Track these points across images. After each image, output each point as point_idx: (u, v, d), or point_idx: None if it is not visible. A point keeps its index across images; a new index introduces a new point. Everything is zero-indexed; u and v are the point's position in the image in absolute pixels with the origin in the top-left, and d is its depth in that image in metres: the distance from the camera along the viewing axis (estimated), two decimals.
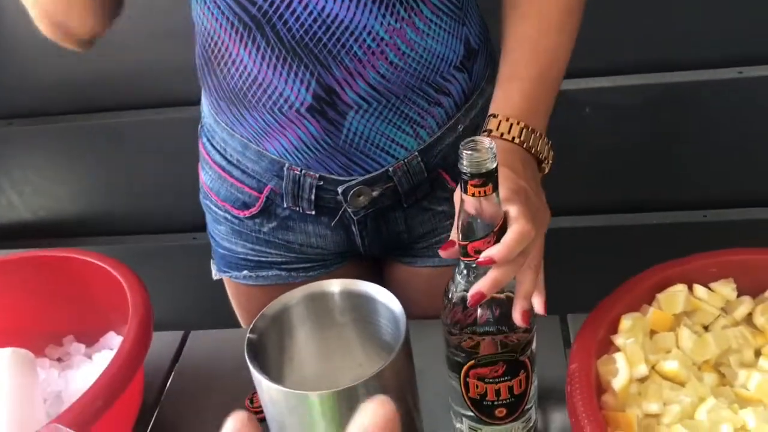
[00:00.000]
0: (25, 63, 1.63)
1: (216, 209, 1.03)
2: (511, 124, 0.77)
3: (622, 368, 0.74)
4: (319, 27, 0.82)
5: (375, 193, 0.94)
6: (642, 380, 0.75)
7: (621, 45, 1.43)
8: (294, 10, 0.81)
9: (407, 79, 0.87)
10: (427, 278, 1.05)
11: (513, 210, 0.69)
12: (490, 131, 0.78)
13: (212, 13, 0.85)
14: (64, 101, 1.67)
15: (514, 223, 0.68)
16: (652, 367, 0.76)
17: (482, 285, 0.67)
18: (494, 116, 0.79)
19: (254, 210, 0.98)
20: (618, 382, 0.73)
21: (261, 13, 0.82)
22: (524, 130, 0.77)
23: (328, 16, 0.81)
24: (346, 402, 0.65)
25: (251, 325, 0.71)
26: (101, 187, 1.76)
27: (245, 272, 1.06)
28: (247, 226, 1.01)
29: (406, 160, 0.93)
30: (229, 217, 1.02)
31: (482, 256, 0.67)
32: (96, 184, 1.76)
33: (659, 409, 0.71)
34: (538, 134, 0.78)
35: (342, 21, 0.82)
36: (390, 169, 0.93)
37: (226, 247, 1.06)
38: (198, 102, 1.07)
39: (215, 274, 1.12)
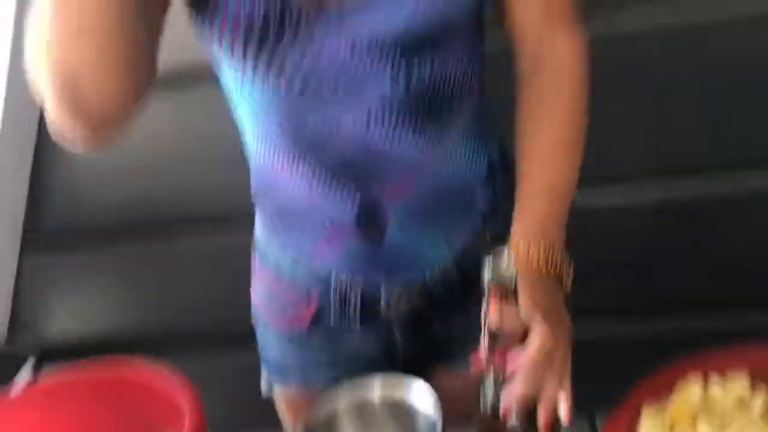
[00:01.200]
0: (81, 190, 1.73)
1: (266, 322, 1.11)
2: (530, 243, 0.85)
3: None
4: (362, 156, 0.91)
5: (414, 299, 1.02)
6: None
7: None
8: (340, 142, 0.90)
9: (440, 194, 0.96)
10: (465, 380, 1.09)
11: (533, 324, 0.75)
12: (510, 252, 0.85)
13: (265, 147, 0.95)
14: (113, 227, 1.77)
15: (535, 337, 0.75)
16: None
17: (511, 400, 0.74)
18: (513, 235, 0.87)
19: (304, 324, 1.06)
20: None
21: (311, 145, 0.91)
22: (542, 248, 0.85)
23: (368, 146, 0.90)
24: None
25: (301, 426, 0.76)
26: (150, 307, 1.84)
27: (294, 378, 1.13)
28: (297, 337, 1.09)
29: (440, 267, 1.01)
30: (279, 329, 1.10)
31: (508, 372, 0.73)
32: (144, 304, 1.84)
33: None
34: (556, 249, 0.86)
35: (382, 150, 0.90)
36: (427, 276, 1.01)
37: (277, 356, 1.13)
38: (242, 222, 1.16)
39: (264, 385, 1.18)
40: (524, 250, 0.85)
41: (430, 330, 1.06)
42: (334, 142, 0.90)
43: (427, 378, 1.15)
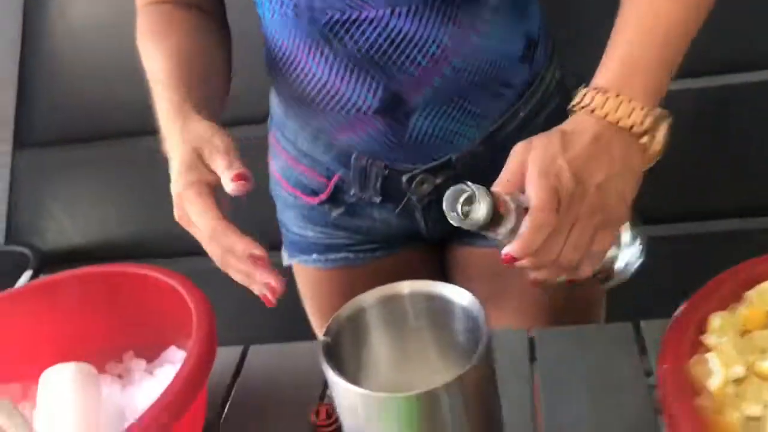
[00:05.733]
0: (73, 86, 1.64)
1: (286, 195, 1.08)
2: (595, 96, 0.73)
3: (716, 369, 0.69)
4: (385, 40, 0.85)
5: (438, 181, 0.95)
6: (738, 381, 0.70)
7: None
8: (360, 25, 0.85)
9: (471, 78, 0.89)
10: (486, 258, 1.04)
11: (532, 197, 0.68)
12: (572, 107, 0.75)
13: (282, 27, 0.90)
14: (112, 124, 1.67)
15: (531, 213, 0.67)
16: (749, 368, 0.71)
17: (512, 249, 0.68)
18: (581, 89, 0.76)
19: (323, 197, 1.02)
20: (713, 384, 0.69)
21: (329, 28, 0.86)
22: (609, 100, 0.72)
23: (392, 30, 0.85)
24: (427, 407, 0.62)
25: (325, 328, 0.68)
26: (151, 209, 1.75)
27: (315, 255, 1.09)
28: (316, 212, 1.05)
29: (468, 150, 0.94)
30: (298, 203, 1.06)
31: (502, 253, 0.68)
32: (145, 205, 1.75)
33: (762, 412, 0.67)
34: (627, 100, 0.72)
35: (406, 34, 0.85)
36: (453, 158, 0.94)
37: (296, 232, 1.10)
38: (246, 122, 1.12)
39: (286, 261, 1.15)
40: (587, 100, 0.73)
41: None
42: (357, 27, 0.84)
43: (450, 258, 1.12)
